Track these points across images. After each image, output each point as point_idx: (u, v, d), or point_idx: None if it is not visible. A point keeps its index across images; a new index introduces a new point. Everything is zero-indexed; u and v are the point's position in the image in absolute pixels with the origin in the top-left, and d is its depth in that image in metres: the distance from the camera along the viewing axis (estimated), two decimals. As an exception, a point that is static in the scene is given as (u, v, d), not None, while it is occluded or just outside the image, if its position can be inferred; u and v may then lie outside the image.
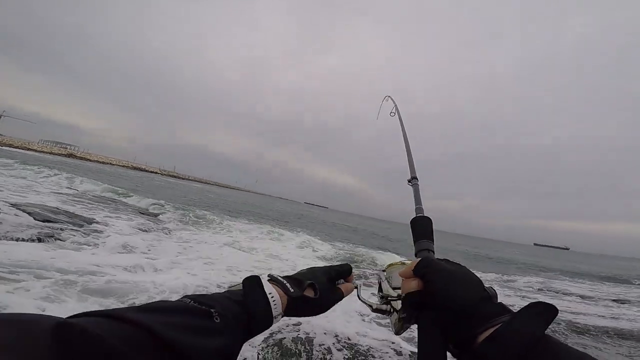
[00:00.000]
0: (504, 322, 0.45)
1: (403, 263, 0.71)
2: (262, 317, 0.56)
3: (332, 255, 11.25)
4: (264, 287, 0.60)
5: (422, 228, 0.76)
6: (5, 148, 45.99)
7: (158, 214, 12.60)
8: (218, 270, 6.32)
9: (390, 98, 1.43)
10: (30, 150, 53.41)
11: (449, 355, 0.51)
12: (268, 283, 0.63)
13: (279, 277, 0.67)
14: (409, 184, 0.95)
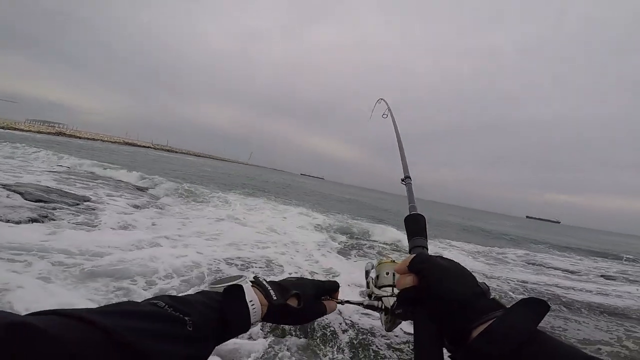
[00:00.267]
0: (497, 317, 0.46)
1: (393, 261, 0.72)
2: (239, 325, 0.57)
3: (328, 224, 11.43)
4: (246, 295, 0.60)
5: (415, 225, 0.77)
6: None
7: (152, 189, 12.54)
8: (221, 247, 6.37)
9: (384, 100, 1.41)
10: (17, 130, 52.21)
11: (444, 351, 0.52)
12: (251, 288, 0.62)
13: (264, 281, 0.67)
14: (403, 183, 0.96)
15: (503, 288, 7.07)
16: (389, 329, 0.71)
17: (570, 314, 5.85)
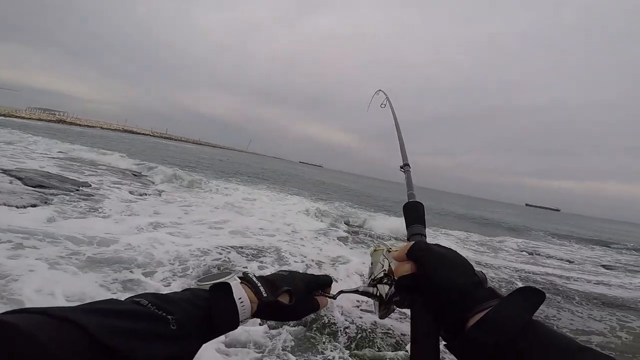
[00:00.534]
0: (493, 306, 0.46)
1: (389, 249, 0.71)
2: (226, 323, 0.56)
3: (329, 213, 11.44)
4: (234, 292, 0.58)
5: (414, 213, 0.76)
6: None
7: (150, 176, 12.54)
8: (227, 235, 6.42)
9: (382, 91, 1.39)
10: (19, 118, 51.88)
11: (440, 340, 0.53)
12: (239, 285, 0.60)
13: (253, 277, 0.65)
14: (401, 171, 0.96)
15: (500, 277, 7.14)
16: (383, 316, 0.71)
17: (567, 304, 5.88)
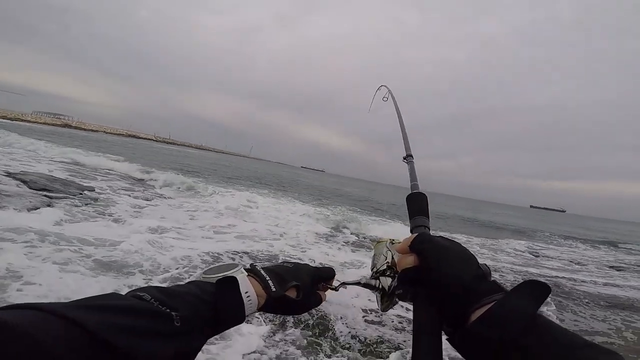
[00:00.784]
0: (497, 300, 0.44)
1: (392, 241, 0.71)
2: (232, 317, 0.55)
3: (332, 217, 11.48)
4: (240, 286, 0.57)
5: (417, 204, 0.75)
6: (-1, 120, 45.21)
7: (154, 180, 12.55)
8: (232, 240, 6.44)
9: (385, 86, 1.39)
10: (25, 122, 52.43)
11: (443, 334, 0.52)
12: (246, 279, 0.59)
13: (261, 270, 0.64)
14: (404, 161, 0.95)
15: (506, 278, 7.06)
16: (385, 309, 0.70)
17: (575, 305, 5.81)
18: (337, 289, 0.77)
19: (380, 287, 0.68)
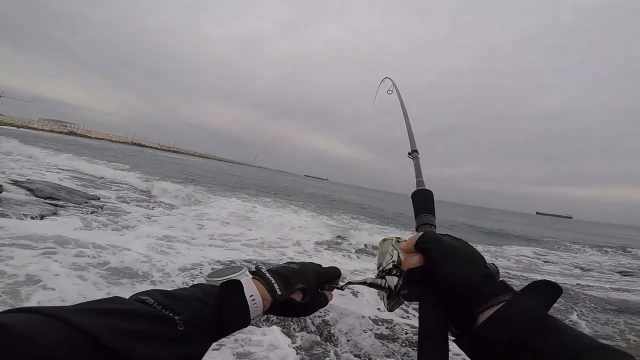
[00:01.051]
0: (506, 301, 0.43)
1: (398, 240, 0.68)
2: (236, 321, 0.54)
3: (338, 226, 11.37)
4: (245, 290, 0.55)
5: (423, 201, 0.73)
6: (6, 127, 45.90)
7: (158, 189, 12.47)
8: (240, 248, 6.48)
9: (389, 78, 1.38)
10: (31, 129, 53.24)
11: (450, 336, 0.50)
12: (251, 282, 0.58)
13: (266, 272, 0.62)
14: (409, 157, 0.93)
15: (512, 283, 6.96)
16: (391, 309, 0.67)
17: (586, 310, 5.71)
18: (343, 288, 0.75)
19: (387, 286, 0.66)
